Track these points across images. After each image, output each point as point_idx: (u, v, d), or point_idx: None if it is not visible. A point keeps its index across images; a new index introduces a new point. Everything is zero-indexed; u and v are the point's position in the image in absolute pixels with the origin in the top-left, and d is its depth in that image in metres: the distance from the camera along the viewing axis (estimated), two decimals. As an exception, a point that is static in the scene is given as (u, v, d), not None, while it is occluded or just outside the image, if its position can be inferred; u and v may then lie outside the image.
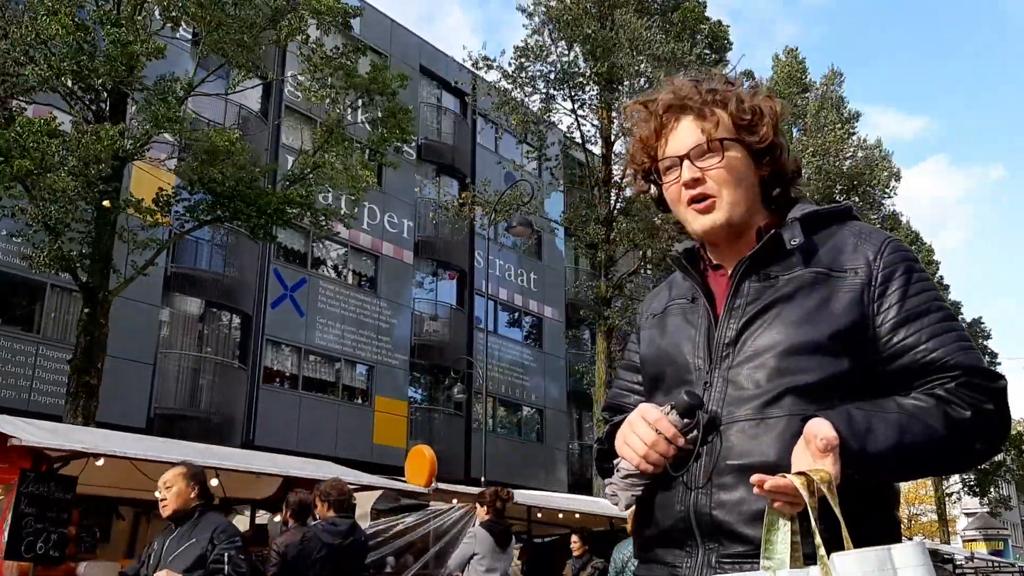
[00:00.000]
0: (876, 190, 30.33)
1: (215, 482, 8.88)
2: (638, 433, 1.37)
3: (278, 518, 9.33)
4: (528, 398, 27.65)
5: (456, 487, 12.10)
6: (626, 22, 18.51)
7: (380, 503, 11.27)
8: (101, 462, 7.65)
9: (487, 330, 21.67)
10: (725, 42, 20.73)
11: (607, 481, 1.47)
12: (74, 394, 12.00)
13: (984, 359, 1.38)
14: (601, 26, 19.13)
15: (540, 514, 13.37)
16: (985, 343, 36.82)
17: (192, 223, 13.97)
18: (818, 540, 1.17)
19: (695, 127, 1.46)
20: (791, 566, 1.20)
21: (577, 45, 19.70)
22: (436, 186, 24.88)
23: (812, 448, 1.23)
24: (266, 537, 9.35)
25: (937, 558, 22.30)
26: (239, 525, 10.13)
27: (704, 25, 20.25)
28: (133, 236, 12.89)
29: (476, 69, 20.14)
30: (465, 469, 23.04)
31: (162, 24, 12.91)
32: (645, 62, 18.79)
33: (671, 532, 1.40)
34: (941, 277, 36.88)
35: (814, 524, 1.17)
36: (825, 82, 32.03)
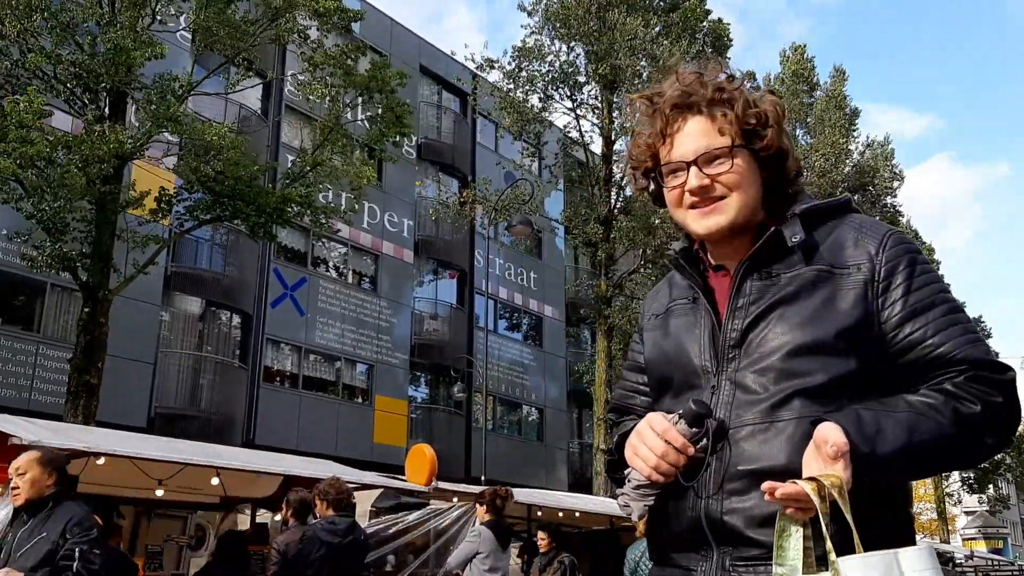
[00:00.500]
0: (879, 191, 30.34)
1: (216, 481, 8.90)
2: (648, 444, 1.36)
3: (279, 517, 9.33)
4: (528, 397, 27.65)
5: (456, 486, 12.10)
6: (621, 23, 18.52)
7: (380, 501, 11.28)
8: (102, 461, 7.66)
9: (487, 329, 21.67)
10: (726, 40, 20.72)
11: (619, 491, 1.46)
12: (74, 393, 12.01)
13: (992, 351, 1.36)
14: (600, 27, 19.14)
15: (540, 513, 13.37)
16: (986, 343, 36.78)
17: (192, 222, 13.98)
18: (829, 545, 1.16)
19: (703, 130, 1.42)
20: (804, 572, 1.19)
21: (576, 46, 19.71)
22: (436, 185, 24.88)
23: (822, 453, 1.21)
24: (266, 536, 9.36)
25: (941, 559, 22.27)
26: (240, 524, 10.17)
27: (704, 24, 20.25)
28: (132, 234, 12.90)
29: (480, 71, 20.13)
30: (465, 468, 23.04)
31: (151, 19, 12.87)
32: (644, 62, 18.81)
33: (685, 537, 1.39)
34: (941, 276, 36.80)
35: (824, 530, 1.16)
36: (832, 82, 31.94)
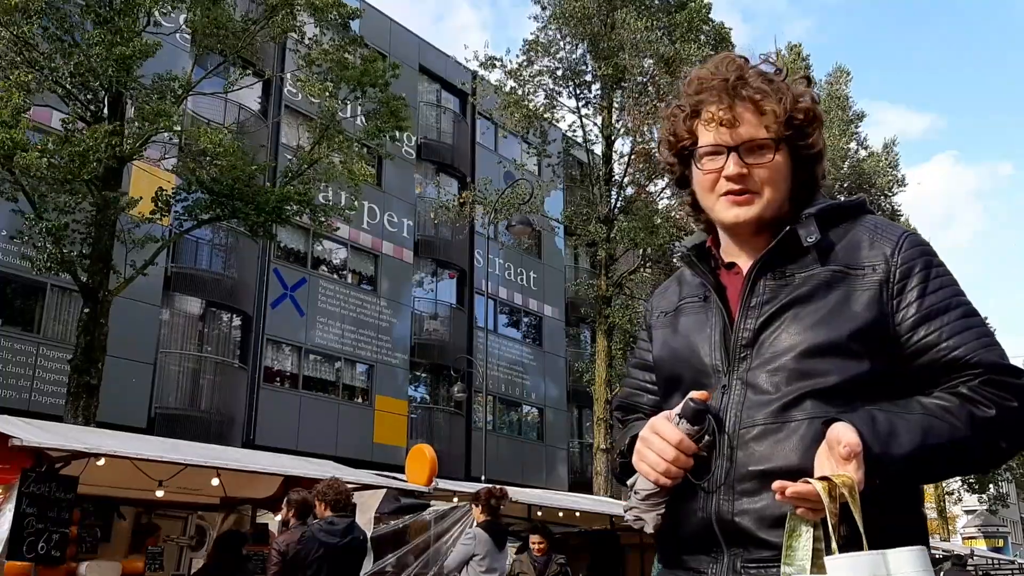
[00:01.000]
0: (879, 194, 30.37)
1: (216, 481, 8.90)
2: (654, 449, 1.35)
3: (279, 517, 9.33)
4: (528, 397, 27.65)
5: (456, 485, 12.10)
6: (628, 23, 18.52)
7: (383, 507, 11.26)
8: (102, 462, 7.66)
9: (487, 329, 21.67)
10: (727, 43, 20.75)
11: (627, 505, 1.45)
12: (74, 394, 12.01)
13: (1007, 355, 1.34)
14: (605, 26, 19.14)
15: (540, 513, 13.37)
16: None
17: (191, 222, 13.97)
18: (833, 545, 1.15)
19: (749, 119, 1.40)
20: (812, 572, 1.18)
21: (580, 45, 19.72)
22: (436, 185, 24.88)
23: (835, 453, 1.20)
24: (267, 536, 9.36)
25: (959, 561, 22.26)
26: (240, 524, 10.16)
27: (707, 26, 20.27)
28: (131, 235, 12.89)
29: (483, 69, 20.12)
30: (465, 468, 23.03)
31: (147, 21, 12.87)
32: (649, 62, 18.82)
33: (695, 538, 1.38)
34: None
35: (831, 529, 1.15)
36: (831, 80, 31.90)
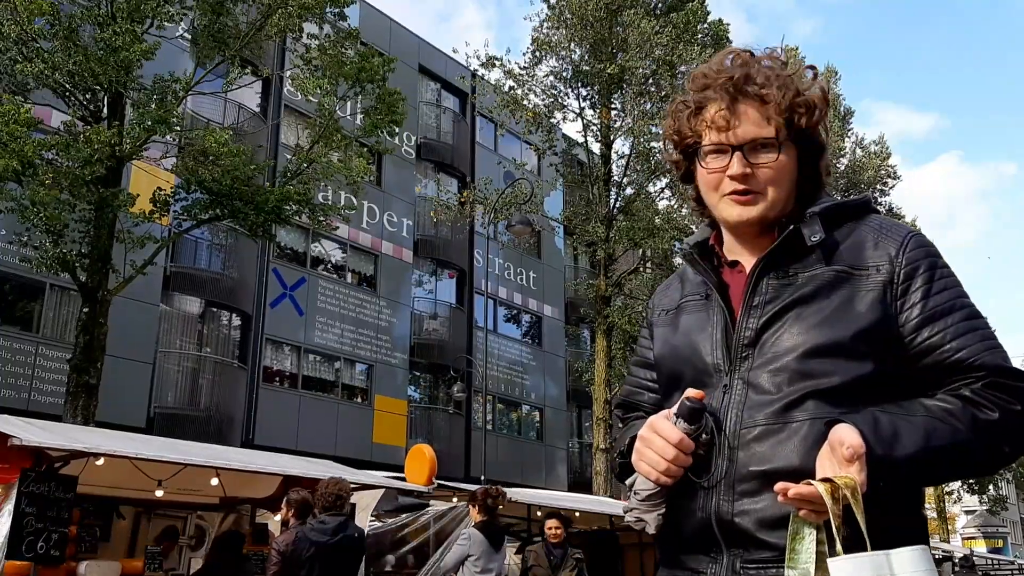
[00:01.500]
0: (872, 189, 30.47)
1: (215, 481, 8.90)
2: (654, 448, 1.35)
3: (278, 517, 9.32)
4: (528, 397, 27.66)
5: (457, 485, 12.09)
6: (634, 23, 18.53)
7: (382, 505, 11.27)
8: (101, 462, 7.65)
9: (487, 329, 21.67)
10: (725, 41, 20.75)
11: (627, 507, 1.44)
12: (73, 394, 12.00)
13: (1010, 358, 1.34)
14: (610, 27, 19.15)
15: (540, 513, 13.36)
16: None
17: (190, 222, 13.97)
18: (838, 548, 1.14)
19: (754, 117, 1.39)
20: (816, 575, 1.17)
21: (578, 47, 19.72)
22: (435, 185, 24.89)
23: (838, 455, 1.19)
24: (266, 536, 9.35)
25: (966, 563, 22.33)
26: (239, 524, 10.15)
27: (705, 25, 20.27)
28: (130, 235, 12.89)
29: (483, 68, 20.13)
30: (465, 468, 23.05)
31: (150, 24, 12.87)
32: (651, 64, 18.83)
33: (695, 538, 1.37)
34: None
35: (835, 531, 1.14)
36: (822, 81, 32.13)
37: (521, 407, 27.74)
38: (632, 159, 19.99)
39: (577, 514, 13.52)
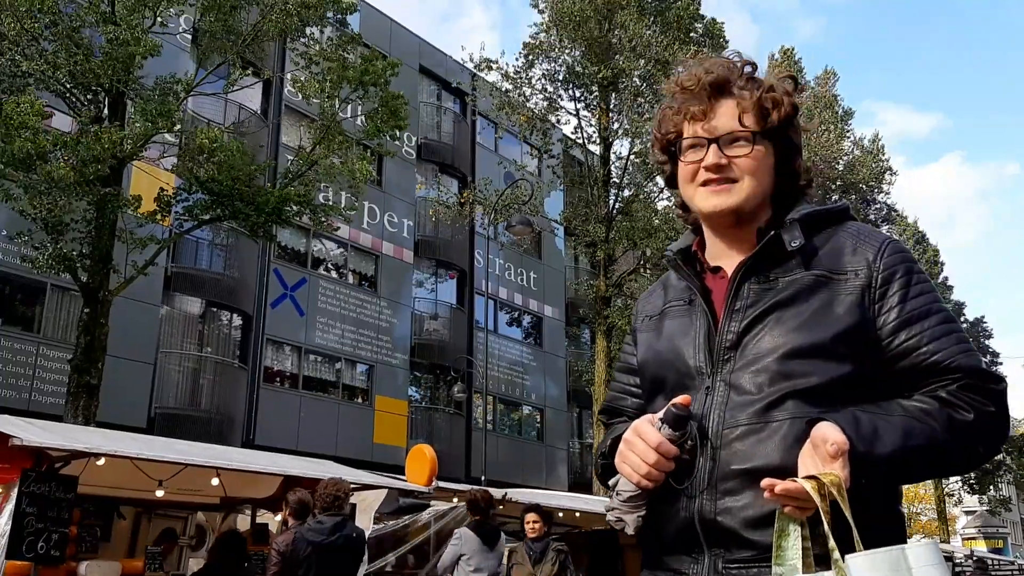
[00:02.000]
0: (868, 186, 30.46)
1: (215, 481, 8.91)
2: (637, 452, 1.37)
3: (279, 517, 9.33)
4: (528, 397, 27.66)
5: (457, 486, 12.10)
6: (627, 24, 18.54)
7: (384, 507, 11.27)
8: (102, 462, 7.66)
9: (487, 329, 21.68)
10: (721, 40, 20.76)
11: (609, 506, 1.46)
12: (74, 394, 12.01)
13: (984, 361, 1.37)
14: (604, 28, 19.16)
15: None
16: (987, 343, 36.80)
17: (191, 223, 13.98)
18: (831, 543, 1.16)
19: (729, 112, 1.44)
20: (803, 572, 1.19)
21: (576, 48, 19.74)
22: (436, 186, 24.89)
23: (821, 452, 1.21)
24: (267, 536, 9.37)
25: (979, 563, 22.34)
26: (240, 525, 10.17)
27: (699, 24, 20.28)
28: (131, 235, 12.90)
29: (478, 71, 20.15)
30: (465, 468, 23.05)
31: (153, 20, 12.88)
32: (646, 65, 18.84)
33: (677, 539, 1.39)
34: (946, 278, 36.86)
35: (826, 527, 1.15)
36: (820, 82, 32.20)
37: (521, 407, 27.75)
38: (630, 160, 20.02)
39: (577, 514, 13.52)
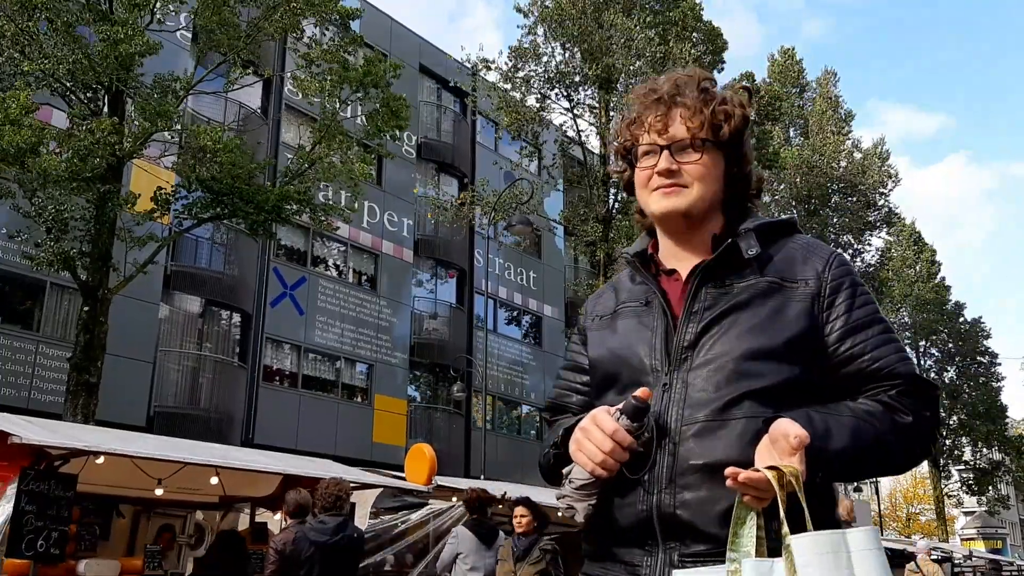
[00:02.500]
0: (872, 192, 30.56)
1: (215, 480, 8.91)
2: (593, 440, 1.40)
3: (278, 516, 9.34)
4: (528, 396, 27.66)
5: (456, 483, 12.10)
6: (616, 23, 18.56)
7: (380, 502, 11.29)
8: (101, 460, 7.67)
9: (487, 328, 21.68)
10: (720, 42, 20.81)
11: (560, 493, 1.49)
12: (74, 392, 12.01)
13: (918, 369, 1.48)
14: (597, 27, 19.17)
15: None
16: (986, 343, 36.82)
17: (191, 221, 13.98)
18: (785, 530, 1.23)
19: (683, 122, 1.52)
20: (756, 557, 1.25)
21: (571, 47, 19.75)
22: (436, 185, 24.88)
23: (781, 446, 1.28)
24: (266, 535, 9.37)
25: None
26: (239, 525, 10.17)
27: (701, 24, 20.32)
28: (130, 234, 12.90)
29: (475, 71, 20.16)
30: (465, 468, 23.05)
31: (151, 19, 12.87)
32: (640, 63, 18.85)
33: (630, 532, 1.43)
34: (943, 278, 36.90)
35: (782, 514, 1.22)
36: (822, 83, 32.26)
37: (521, 407, 27.75)
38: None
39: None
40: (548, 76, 20.03)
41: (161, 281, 18.23)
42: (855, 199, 30.52)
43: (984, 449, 36.76)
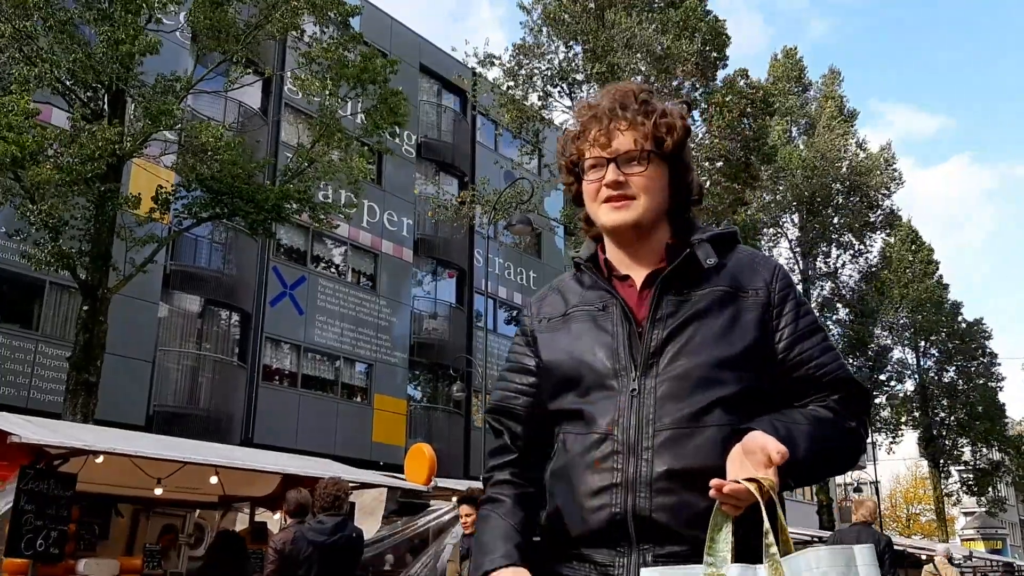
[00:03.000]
0: (876, 193, 30.60)
1: (214, 480, 8.91)
2: None
3: (277, 516, 9.33)
4: (527, 396, 27.62)
5: (455, 483, 12.09)
6: (618, 21, 18.54)
7: (387, 507, 11.26)
8: (100, 459, 7.67)
9: (486, 328, 21.67)
10: (724, 38, 20.77)
11: None
12: (73, 392, 12.00)
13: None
14: (598, 25, 19.16)
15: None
16: (986, 343, 36.81)
17: (190, 220, 13.97)
18: (770, 539, 1.28)
19: (627, 134, 1.56)
20: (732, 563, 1.31)
21: (575, 44, 19.74)
22: (436, 184, 24.86)
23: (757, 459, 1.33)
24: (265, 535, 9.36)
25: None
26: (239, 524, 10.17)
27: (703, 22, 20.29)
28: (130, 233, 12.89)
29: (481, 67, 20.13)
30: (464, 468, 23.04)
31: (149, 18, 12.85)
32: (642, 61, 18.83)
33: (603, 532, 1.45)
34: (941, 276, 36.88)
35: (767, 524, 1.28)
36: (826, 82, 32.32)
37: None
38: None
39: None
40: (551, 73, 20.02)
41: (161, 280, 18.22)
42: (857, 199, 30.54)
43: (983, 449, 36.74)
